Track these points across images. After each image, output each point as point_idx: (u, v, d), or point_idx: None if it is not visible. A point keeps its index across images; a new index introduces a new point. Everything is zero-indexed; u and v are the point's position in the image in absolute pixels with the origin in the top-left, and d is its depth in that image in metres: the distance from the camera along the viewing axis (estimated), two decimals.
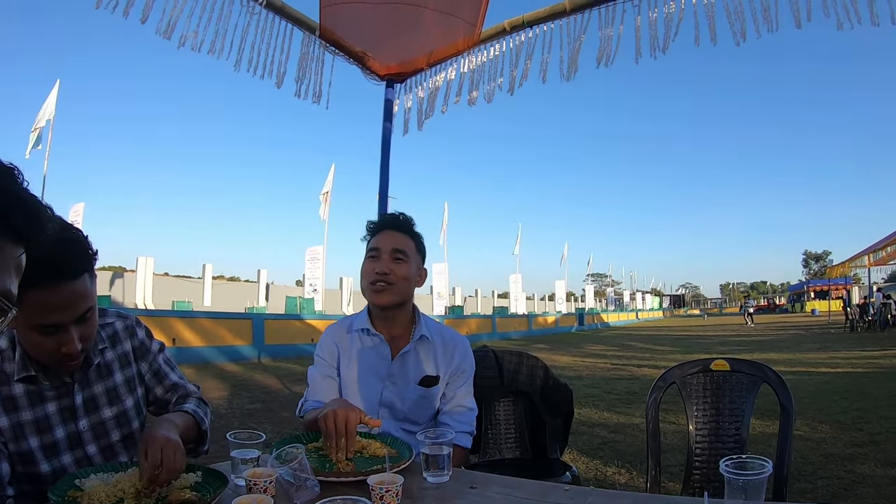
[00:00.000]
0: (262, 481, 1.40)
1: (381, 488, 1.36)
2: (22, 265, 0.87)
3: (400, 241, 2.16)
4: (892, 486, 4.05)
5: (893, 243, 23.53)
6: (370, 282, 2.11)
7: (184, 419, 1.74)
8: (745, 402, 2.26)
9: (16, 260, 0.85)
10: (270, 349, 15.68)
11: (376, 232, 2.19)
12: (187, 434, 1.75)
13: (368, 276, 2.12)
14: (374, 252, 2.13)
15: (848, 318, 27.01)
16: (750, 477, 1.17)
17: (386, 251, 2.12)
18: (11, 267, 0.84)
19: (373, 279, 2.10)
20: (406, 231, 2.20)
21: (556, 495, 1.42)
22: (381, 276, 2.09)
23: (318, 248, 25.42)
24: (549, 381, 2.82)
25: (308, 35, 3.41)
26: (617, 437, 6.03)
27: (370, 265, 2.12)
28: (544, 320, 35.56)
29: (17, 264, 0.85)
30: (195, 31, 2.92)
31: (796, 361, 12.92)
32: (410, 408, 2.13)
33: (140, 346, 1.87)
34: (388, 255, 2.11)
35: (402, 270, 2.12)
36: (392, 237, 2.15)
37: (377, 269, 2.09)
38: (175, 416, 1.73)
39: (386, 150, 3.87)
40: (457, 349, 2.21)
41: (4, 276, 0.82)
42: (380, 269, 2.09)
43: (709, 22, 2.77)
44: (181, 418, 1.73)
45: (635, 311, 63.29)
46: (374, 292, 2.11)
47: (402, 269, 2.12)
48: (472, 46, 3.54)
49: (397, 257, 2.12)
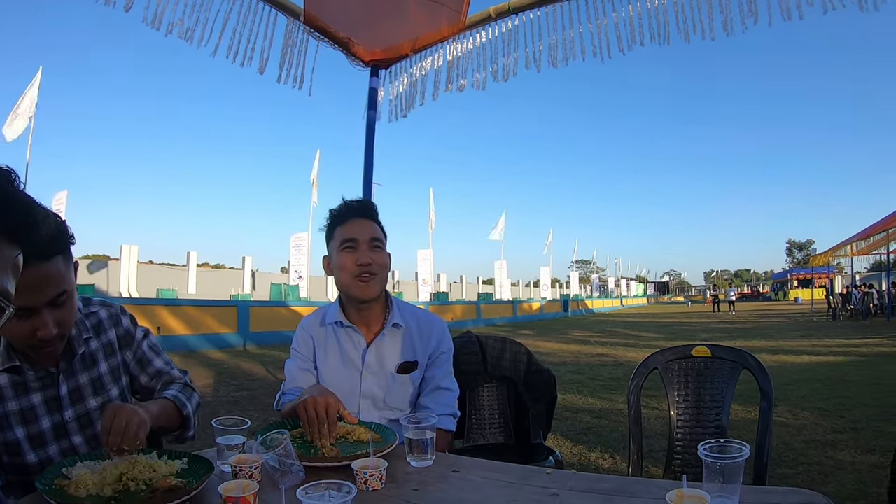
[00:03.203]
0: (247, 467, 1.41)
1: (366, 473, 1.38)
2: (19, 265, 0.88)
3: (374, 229, 2.10)
4: (871, 473, 4.11)
5: (876, 233, 23.78)
6: (354, 275, 2.03)
7: (161, 405, 1.74)
8: (726, 387, 2.29)
9: (12, 260, 0.85)
10: (256, 336, 15.66)
11: (344, 220, 2.11)
12: (167, 419, 1.76)
13: (350, 269, 2.04)
14: (351, 243, 2.05)
15: (830, 307, 27.34)
16: (727, 460, 1.19)
17: (364, 241, 2.06)
18: (8, 267, 0.84)
19: (357, 272, 2.03)
20: (375, 218, 2.14)
21: (537, 479, 1.43)
22: (364, 267, 2.03)
23: (303, 235, 25.34)
24: (532, 366, 2.84)
25: (292, 20, 3.38)
26: (601, 422, 6.09)
27: (349, 257, 2.04)
28: (529, 307, 35.65)
29: (13, 264, 0.86)
30: (181, 19, 2.90)
31: (779, 349, 13.05)
32: (391, 396, 2.08)
33: (125, 334, 1.86)
34: (367, 245, 2.06)
35: (382, 259, 2.09)
36: (365, 226, 2.09)
37: (360, 260, 2.03)
38: (151, 403, 1.73)
39: (370, 136, 3.86)
40: (433, 331, 2.16)
41: (1, 275, 0.82)
42: (363, 261, 2.02)
43: (693, 14, 2.79)
44: (158, 405, 1.73)
45: (620, 298, 63.56)
46: (360, 285, 2.04)
47: (381, 257, 2.08)
48: (457, 33, 3.53)
49: (375, 245, 2.07)
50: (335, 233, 2.12)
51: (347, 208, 2.14)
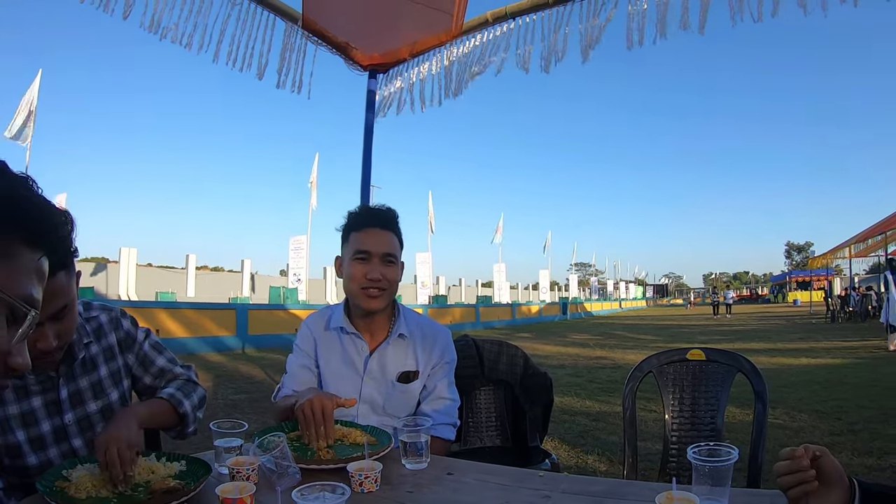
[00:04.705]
0: (244, 469, 1.43)
1: (361, 475, 1.40)
2: (43, 269, 0.87)
3: (390, 242, 2.07)
4: (868, 475, 4.12)
5: (874, 235, 23.81)
6: (362, 287, 2.02)
7: (155, 406, 1.76)
8: (721, 391, 2.30)
9: (35, 264, 0.84)
10: (254, 339, 15.66)
11: (362, 228, 2.07)
12: (162, 419, 1.78)
13: (359, 281, 2.02)
14: (364, 255, 2.03)
15: (829, 309, 27.32)
16: (715, 464, 1.21)
17: (377, 255, 2.03)
18: (31, 271, 0.84)
19: (365, 285, 2.02)
20: (393, 229, 2.10)
21: (530, 481, 1.45)
22: (374, 282, 2.01)
23: (302, 238, 25.33)
24: (528, 369, 2.85)
25: (290, 25, 3.40)
26: (598, 425, 6.10)
27: (360, 268, 2.02)
28: (528, 309, 35.65)
29: (37, 268, 0.85)
30: (176, 24, 2.91)
31: (777, 351, 13.07)
32: (390, 403, 2.08)
33: (126, 337, 1.87)
34: (380, 260, 2.03)
35: (393, 274, 2.07)
36: (382, 238, 2.06)
37: (370, 274, 2.01)
38: (143, 405, 1.76)
39: (369, 139, 3.88)
40: (437, 342, 2.15)
41: (25, 280, 0.82)
42: (373, 276, 2.01)
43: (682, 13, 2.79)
44: (150, 406, 1.75)
45: (619, 301, 63.63)
46: (366, 298, 2.02)
47: (392, 272, 2.07)
48: (454, 38, 3.55)
49: (388, 261, 2.05)
50: (351, 238, 2.09)
51: (368, 215, 2.12)
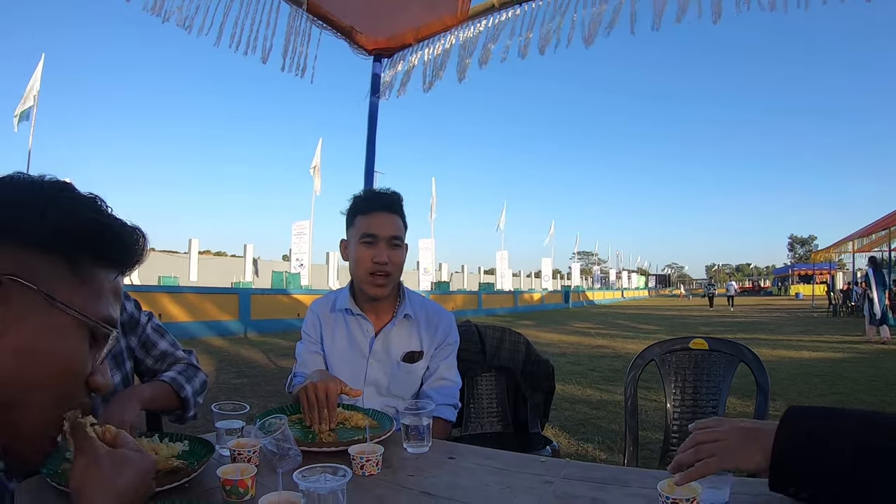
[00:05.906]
0: (245, 451, 1.43)
1: (362, 458, 1.40)
2: (119, 287, 0.88)
3: (396, 225, 2.08)
4: None
5: (877, 230, 23.73)
6: (369, 272, 2.03)
7: (157, 389, 1.77)
8: (723, 380, 2.30)
9: (112, 284, 0.85)
10: (257, 324, 15.72)
11: (368, 211, 2.08)
12: (163, 402, 1.79)
13: (366, 266, 2.04)
14: (370, 238, 2.04)
15: (831, 303, 27.31)
16: None
17: (384, 238, 2.04)
18: (108, 291, 0.84)
19: (372, 269, 2.03)
20: (399, 212, 2.11)
21: (532, 467, 1.45)
22: (381, 266, 2.03)
23: (305, 223, 25.31)
24: (530, 356, 2.85)
25: (295, 9, 3.37)
26: (599, 413, 6.12)
27: (366, 252, 2.04)
28: (530, 297, 35.71)
29: (113, 287, 0.86)
30: (179, 7, 2.89)
31: (778, 344, 13.08)
32: (395, 384, 2.10)
33: (129, 319, 1.88)
34: (386, 243, 2.04)
35: (399, 258, 2.08)
36: (388, 221, 2.07)
37: (376, 258, 2.02)
38: (145, 388, 1.76)
39: (373, 124, 3.85)
40: (441, 323, 2.17)
41: (102, 302, 0.83)
42: (380, 260, 2.02)
43: None
44: (153, 389, 1.76)
45: (621, 290, 63.77)
46: (373, 284, 2.04)
47: (399, 256, 2.08)
48: (460, 22, 3.51)
49: (395, 244, 2.06)
50: (356, 221, 2.09)
51: (374, 198, 2.12)
